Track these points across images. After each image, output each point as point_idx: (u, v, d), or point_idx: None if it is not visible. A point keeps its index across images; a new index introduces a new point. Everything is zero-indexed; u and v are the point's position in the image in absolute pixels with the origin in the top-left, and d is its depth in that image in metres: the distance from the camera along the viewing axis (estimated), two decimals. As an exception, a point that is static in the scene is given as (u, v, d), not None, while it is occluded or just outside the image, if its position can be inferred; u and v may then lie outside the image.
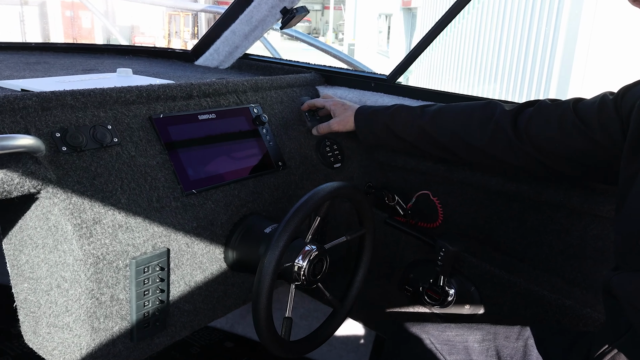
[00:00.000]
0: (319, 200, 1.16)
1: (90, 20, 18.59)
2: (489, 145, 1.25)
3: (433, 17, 12.31)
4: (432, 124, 1.34)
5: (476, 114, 1.28)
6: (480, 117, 1.27)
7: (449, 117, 1.33)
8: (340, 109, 1.56)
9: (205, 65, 2.00)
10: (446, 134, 1.32)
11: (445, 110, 1.35)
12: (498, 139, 1.22)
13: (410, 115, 1.39)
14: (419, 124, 1.36)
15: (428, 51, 1.63)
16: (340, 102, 1.58)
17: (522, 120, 1.18)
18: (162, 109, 1.24)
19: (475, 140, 1.27)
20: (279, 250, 1.08)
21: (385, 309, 1.82)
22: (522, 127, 1.18)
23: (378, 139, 1.49)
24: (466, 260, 1.55)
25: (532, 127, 1.16)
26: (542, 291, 1.41)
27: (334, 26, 32.33)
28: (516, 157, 1.21)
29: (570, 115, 1.10)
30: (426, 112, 1.37)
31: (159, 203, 1.14)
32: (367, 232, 1.38)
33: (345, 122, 1.53)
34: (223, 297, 1.34)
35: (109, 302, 1.06)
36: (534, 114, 1.17)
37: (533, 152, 1.17)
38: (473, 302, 1.55)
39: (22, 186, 0.94)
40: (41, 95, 1.03)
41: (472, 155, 1.31)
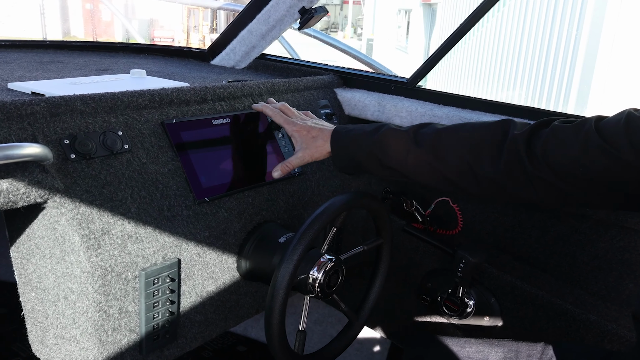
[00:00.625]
0: (336, 211, 1.12)
1: (110, 14, 18.68)
2: (504, 177, 1.03)
3: (453, 13, 12.17)
4: (432, 153, 1.09)
5: (486, 139, 1.05)
6: (491, 143, 1.04)
7: (452, 143, 1.08)
8: (307, 137, 1.24)
9: (222, 65, 1.96)
10: (452, 166, 1.08)
11: (446, 135, 1.10)
12: (513, 169, 1.01)
13: (402, 142, 1.13)
14: (417, 153, 1.11)
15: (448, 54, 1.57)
16: (305, 126, 1.25)
17: (537, 144, 0.99)
18: (175, 114, 1.20)
19: (487, 172, 1.04)
20: (294, 263, 1.04)
21: (402, 317, 1.77)
22: (539, 153, 0.98)
23: (362, 169, 1.21)
24: (486, 270, 1.50)
25: (551, 153, 0.97)
26: (565, 305, 1.36)
27: (352, 21, 32.17)
28: (535, 189, 1.01)
29: (594, 136, 0.92)
30: (423, 138, 1.11)
31: (170, 212, 1.11)
32: (384, 242, 1.33)
33: (317, 153, 1.24)
34: (235, 306, 1.31)
35: (117, 315, 1.03)
36: (550, 138, 0.98)
37: (554, 181, 0.97)
38: (493, 314, 1.50)
39: (28, 196, 0.91)
40: (50, 100, 1.00)
41: (484, 190, 1.08)
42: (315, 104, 1.59)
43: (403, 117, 1.55)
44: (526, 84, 8.46)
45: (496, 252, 1.54)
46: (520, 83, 8.56)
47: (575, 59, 7.34)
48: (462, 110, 1.49)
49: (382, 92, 1.67)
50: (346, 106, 1.68)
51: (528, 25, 8.37)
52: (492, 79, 9.36)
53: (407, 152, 1.11)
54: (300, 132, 1.24)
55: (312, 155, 1.23)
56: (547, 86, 7.96)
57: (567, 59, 7.50)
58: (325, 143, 1.22)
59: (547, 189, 0.99)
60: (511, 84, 8.77)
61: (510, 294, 1.46)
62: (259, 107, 1.34)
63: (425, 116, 1.50)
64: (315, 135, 1.23)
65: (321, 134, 1.23)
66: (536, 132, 1.00)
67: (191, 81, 1.53)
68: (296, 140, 1.25)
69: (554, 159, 0.96)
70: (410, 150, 1.11)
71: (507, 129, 1.03)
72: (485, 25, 7.82)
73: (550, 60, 7.85)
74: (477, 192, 1.09)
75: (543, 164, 0.97)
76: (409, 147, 1.11)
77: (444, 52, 1.51)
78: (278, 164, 1.26)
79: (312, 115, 1.36)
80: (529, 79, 8.38)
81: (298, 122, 1.27)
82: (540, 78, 8.11)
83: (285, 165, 1.25)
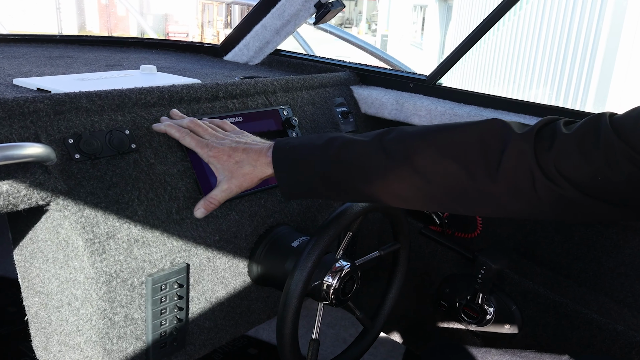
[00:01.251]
0: (352, 216, 1.07)
1: (125, 8, 18.75)
2: (505, 191, 0.82)
3: (470, 10, 12.01)
4: (411, 167, 0.85)
5: (474, 144, 0.83)
6: (484, 148, 0.82)
7: (435, 154, 0.84)
8: (228, 163, 0.99)
9: (235, 61, 1.91)
10: (438, 183, 0.84)
11: (422, 141, 0.86)
12: (518, 180, 0.81)
13: (365, 155, 0.88)
14: (388, 169, 0.86)
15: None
16: (224, 149, 1.00)
17: (544, 151, 0.80)
18: (186, 112, 1.15)
19: (484, 185, 0.82)
20: (307, 270, 0.99)
21: (418, 323, 1.72)
22: (550, 162, 0.79)
23: (316, 195, 0.96)
24: (507, 276, 1.44)
25: (563, 162, 0.78)
26: (590, 314, 1.31)
27: (367, 17, 32.00)
28: (544, 203, 0.81)
29: (615, 141, 0.75)
30: (392, 147, 0.86)
31: (179, 215, 1.06)
32: (402, 247, 1.28)
33: (247, 182, 1.00)
34: (246, 312, 1.26)
35: (123, 322, 0.99)
36: (562, 143, 0.79)
37: (573, 194, 0.79)
38: (513, 322, 1.44)
39: (29, 198, 0.86)
40: (54, 97, 0.95)
41: (483, 209, 0.87)
42: (330, 101, 1.53)
43: (422, 116, 1.49)
44: (543, 78, 8.31)
45: (517, 257, 1.48)
46: (537, 81, 8.42)
47: (594, 56, 7.21)
48: (484, 109, 1.43)
49: (400, 89, 1.62)
50: (363, 104, 1.62)
51: (546, 20, 8.23)
52: (511, 77, 9.21)
53: (375, 168, 0.87)
54: (218, 158, 1.00)
55: (241, 186, 1.00)
56: (564, 84, 7.83)
57: (586, 56, 7.37)
58: (256, 168, 0.98)
59: (561, 203, 0.81)
60: (532, 82, 8.61)
61: (532, 302, 1.40)
62: (161, 128, 1.06)
63: (445, 115, 1.44)
64: (240, 160, 0.99)
65: (247, 157, 0.98)
66: (541, 135, 0.81)
67: (203, 77, 1.48)
68: (216, 168, 1.01)
69: (569, 169, 0.78)
70: (379, 164, 0.87)
71: (502, 132, 0.82)
72: (506, 22, 7.71)
73: (568, 58, 7.71)
74: (476, 213, 0.89)
75: (556, 174, 0.79)
76: (378, 161, 0.87)
77: (466, 49, 1.45)
78: (200, 201, 1.04)
79: (233, 126, 1.12)
80: (546, 77, 8.23)
81: (214, 143, 1.02)
82: (558, 76, 7.97)
83: (208, 202, 1.02)
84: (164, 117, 1.09)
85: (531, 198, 0.81)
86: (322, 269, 1.11)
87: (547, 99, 7.97)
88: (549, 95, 8.00)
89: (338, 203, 1.44)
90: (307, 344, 1.12)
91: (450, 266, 1.58)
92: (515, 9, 1.38)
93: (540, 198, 0.80)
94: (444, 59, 1.51)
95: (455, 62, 1.48)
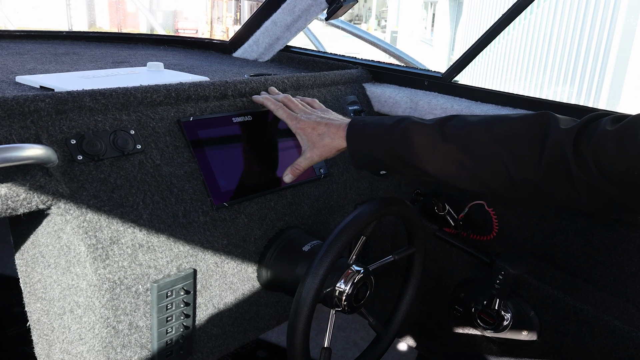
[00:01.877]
0: (366, 220, 1.02)
1: (135, 5, 18.76)
2: (545, 179, 0.90)
3: (481, 5, 11.89)
4: (462, 150, 0.96)
5: (525, 134, 0.92)
6: (531, 139, 0.91)
7: (486, 139, 0.94)
8: (312, 135, 1.13)
9: (244, 58, 1.87)
10: (485, 165, 0.95)
11: (478, 129, 0.96)
12: (555, 170, 0.88)
13: (427, 137, 1.00)
14: (444, 150, 0.98)
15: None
16: (310, 122, 1.14)
17: (585, 144, 0.86)
18: (193, 111, 1.11)
19: (525, 173, 0.91)
20: (320, 277, 0.95)
21: (431, 328, 1.67)
22: (588, 155, 0.85)
23: (382, 166, 1.09)
24: (525, 281, 1.39)
25: (602, 155, 0.83)
26: (612, 320, 1.25)
27: (376, 13, 31.87)
28: (580, 194, 0.88)
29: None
30: (451, 133, 0.98)
31: (186, 218, 1.02)
32: (417, 251, 1.23)
33: (326, 152, 1.12)
34: (255, 318, 1.22)
35: (127, 331, 0.95)
36: (601, 138, 0.84)
37: (604, 186, 0.84)
38: (531, 329, 1.39)
39: (29, 202, 0.82)
40: (55, 96, 0.91)
41: (520, 192, 0.95)
42: (342, 99, 1.48)
43: (437, 115, 1.44)
44: (555, 74, 8.19)
45: (534, 260, 1.43)
46: (550, 74, 8.30)
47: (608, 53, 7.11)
48: (502, 107, 1.38)
49: (414, 87, 1.56)
50: (376, 102, 1.57)
51: (559, 17, 8.12)
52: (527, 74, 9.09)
53: (432, 149, 0.99)
54: (304, 130, 1.14)
55: (321, 155, 1.12)
56: (577, 82, 7.72)
57: (599, 53, 7.26)
58: (334, 140, 1.11)
59: (595, 195, 0.87)
60: (552, 80, 8.48)
61: (551, 307, 1.35)
62: (259, 99, 1.22)
63: (462, 114, 1.39)
64: (322, 133, 1.12)
65: (328, 130, 1.12)
66: (584, 131, 0.87)
67: (211, 75, 1.44)
68: (301, 138, 1.15)
69: (605, 162, 0.83)
70: (436, 146, 0.99)
71: (549, 124, 0.90)
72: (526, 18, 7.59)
73: (581, 55, 7.60)
74: (511, 194, 0.97)
75: (592, 167, 0.84)
76: (435, 143, 0.99)
77: (483, 46, 1.40)
78: (287, 168, 1.17)
79: (320, 104, 1.25)
80: (565, 75, 8.10)
81: (302, 117, 1.15)
82: (570, 73, 7.87)
83: (294, 168, 1.16)
84: (263, 92, 1.26)
85: (568, 189, 0.88)
86: (335, 275, 1.07)
87: (567, 97, 7.84)
88: (569, 93, 7.87)
89: (351, 207, 1.40)
90: (316, 347, 1.07)
91: (466, 270, 1.53)
92: (534, 5, 1.33)
93: (576, 190, 0.87)
94: (460, 55, 1.45)
95: (472, 59, 1.43)
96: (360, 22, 32.39)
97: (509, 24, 1.34)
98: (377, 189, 1.48)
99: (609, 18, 7.11)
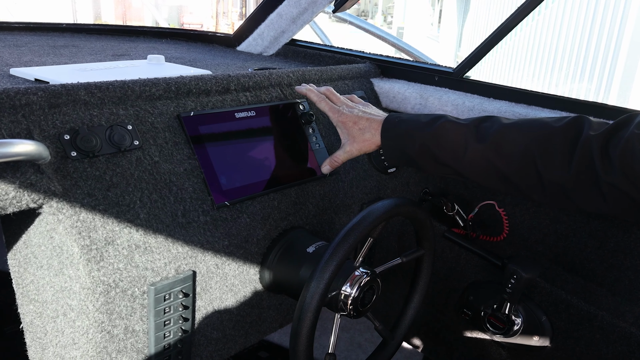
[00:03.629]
0: (374, 222, 0.97)
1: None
2: (572, 181, 0.90)
3: (488, 2, 11.78)
4: (495, 150, 0.97)
5: (557, 136, 0.92)
6: (563, 141, 0.91)
7: (519, 140, 0.95)
8: (354, 129, 1.12)
9: (248, 52, 1.82)
10: (515, 165, 0.96)
11: (512, 130, 0.97)
12: (582, 172, 0.88)
13: (461, 136, 1.01)
14: (476, 149, 0.99)
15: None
16: (352, 116, 1.13)
17: (614, 148, 0.85)
18: (194, 106, 1.06)
19: (555, 174, 0.91)
20: (325, 282, 0.90)
21: (438, 331, 1.62)
22: (616, 158, 0.84)
23: (413, 165, 1.09)
24: (537, 285, 1.34)
25: (629, 158, 0.83)
26: (627, 327, 1.21)
27: (383, 9, 31.72)
28: (605, 198, 0.87)
29: None
30: (485, 133, 0.99)
31: (185, 218, 0.97)
32: (426, 253, 1.18)
33: (366, 147, 1.12)
34: (257, 321, 1.18)
35: (122, 335, 0.90)
36: (631, 141, 0.83)
37: (631, 191, 0.83)
38: (543, 334, 1.34)
39: (19, 201, 0.78)
40: (48, 89, 0.86)
41: (547, 195, 0.95)
42: (349, 95, 1.44)
43: (448, 112, 1.39)
44: (587, 77, 8.07)
45: (547, 263, 1.38)
46: (573, 76, 8.18)
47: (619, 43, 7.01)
48: (516, 104, 1.33)
49: (424, 83, 1.51)
50: (384, 98, 1.52)
51: (568, 12, 8.02)
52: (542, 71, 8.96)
53: (465, 148, 1.00)
54: (345, 124, 1.13)
55: (360, 149, 1.12)
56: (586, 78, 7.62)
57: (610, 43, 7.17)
58: (374, 136, 1.10)
59: (620, 200, 0.86)
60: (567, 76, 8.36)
61: (564, 312, 1.30)
62: (302, 90, 1.22)
63: (474, 111, 1.34)
64: (363, 127, 1.11)
65: (369, 126, 1.11)
66: (615, 133, 0.86)
67: (214, 69, 1.39)
68: (342, 131, 1.14)
69: (632, 166, 0.82)
70: (469, 145, 1.00)
71: (582, 127, 0.90)
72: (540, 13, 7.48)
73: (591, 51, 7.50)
74: (539, 197, 0.97)
75: (618, 171, 0.84)
76: (469, 142, 1.00)
77: (497, 40, 1.35)
78: (326, 159, 1.17)
79: (359, 99, 1.23)
80: (582, 71, 7.99)
81: (344, 110, 1.15)
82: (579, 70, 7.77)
83: (333, 160, 1.16)
84: (304, 84, 1.26)
85: (594, 193, 0.88)
86: (340, 278, 1.03)
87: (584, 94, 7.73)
88: (587, 90, 7.75)
89: (357, 206, 1.35)
90: (318, 347, 1.03)
91: (475, 272, 1.48)
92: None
93: (602, 194, 0.87)
94: (473, 50, 1.40)
95: (484, 54, 1.38)
96: (366, 18, 32.27)
97: (524, 17, 1.28)
98: (384, 188, 1.43)
99: (619, 13, 7.03)
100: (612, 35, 7.17)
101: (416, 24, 20.38)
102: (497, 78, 9.65)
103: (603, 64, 7.33)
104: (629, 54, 6.92)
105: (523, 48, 9.00)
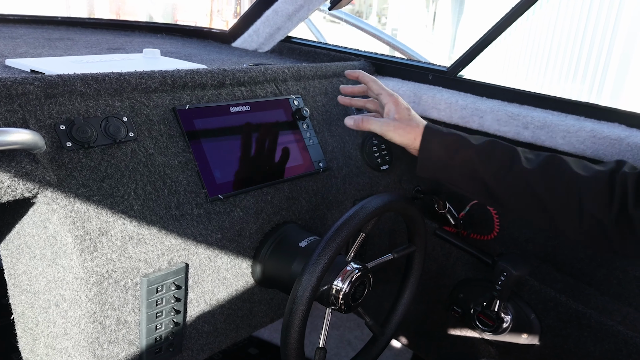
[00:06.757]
0: (367, 217, 0.98)
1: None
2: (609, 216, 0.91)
3: (484, 6, 11.81)
4: (540, 173, 0.97)
5: (602, 173, 0.94)
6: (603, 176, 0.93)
7: (569, 167, 0.96)
8: (404, 112, 1.08)
9: (243, 48, 1.82)
10: (558, 194, 0.95)
11: (561, 157, 0.98)
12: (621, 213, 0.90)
13: (509, 156, 0.99)
14: (521, 170, 0.98)
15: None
16: (405, 104, 1.11)
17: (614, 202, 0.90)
18: (189, 99, 1.07)
19: (598, 211, 0.92)
20: (317, 276, 0.91)
21: (428, 328, 1.63)
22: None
23: (446, 176, 1.06)
24: (526, 283, 1.35)
25: None
26: (615, 326, 1.22)
27: (377, 10, 31.76)
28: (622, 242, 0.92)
29: None
30: (532, 157, 0.99)
31: (179, 210, 0.98)
32: (417, 250, 1.19)
33: (404, 136, 1.07)
34: (248, 315, 1.18)
35: (114, 326, 0.91)
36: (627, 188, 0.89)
37: None
38: (532, 332, 1.36)
39: (13, 190, 0.78)
40: (45, 79, 0.87)
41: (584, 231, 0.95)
42: (344, 92, 1.44)
43: (441, 110, 1.40)
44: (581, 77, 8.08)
45: (536, 262, 1.40)
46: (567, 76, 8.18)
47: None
48: (508, 104, 1.34)
49: (418, 81, 1.52)
50: (377, 96, 1.53)
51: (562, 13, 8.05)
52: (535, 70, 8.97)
53: (508, 169, 0.98)
54: (398, 106, 1.09)
55: (400, 134, 1.07)
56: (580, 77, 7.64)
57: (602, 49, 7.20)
58: (417, 134, 1.05)
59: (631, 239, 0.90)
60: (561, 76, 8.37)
61: (553, 310, 1.31)
62: (355, 73, 1.20)
63: (467, 110, 1.35)
64: (411, 117, 1.08)
65: (415, 120, 1.08)
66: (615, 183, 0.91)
67: (209, 64, 1.39)
68: (390, 109, 1.10)
69: None
70: (514, 166, 0.98)
71: (621, 166, 0.95)
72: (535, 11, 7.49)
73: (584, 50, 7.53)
74: (573, 233, 0.96)
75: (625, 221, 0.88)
76: (515, 163, 0.98)
77: (491, 39, 1.36)
78: (358, 115, 1.11)
79: None
80: (575, 71, 8.00)
81: (395, 94, 1.13)
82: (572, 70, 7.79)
83: (363, 121, 1.10)
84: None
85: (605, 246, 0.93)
86: (332, 272, 1.03)
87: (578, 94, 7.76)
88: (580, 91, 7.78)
89: (350, 202, 1.36)
90: (308, 345, 1.04)
91: (465, 270, 1.50)
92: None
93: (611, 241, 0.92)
94: (467, 49, 1.41)
95: (479, 53, 1.39)
96: (360, 19, 32.23)
97: (518, 17, 1.29)
98: (377, 185, 1.44)
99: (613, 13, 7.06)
100: (605, 36, 7.20)
101: (410, 26, 20.41)
102: (491, 78, 9.63)
103: (596, 64, 7.36)
104: (622, 55, 6.95)
105: (517, 48, 9.01)
